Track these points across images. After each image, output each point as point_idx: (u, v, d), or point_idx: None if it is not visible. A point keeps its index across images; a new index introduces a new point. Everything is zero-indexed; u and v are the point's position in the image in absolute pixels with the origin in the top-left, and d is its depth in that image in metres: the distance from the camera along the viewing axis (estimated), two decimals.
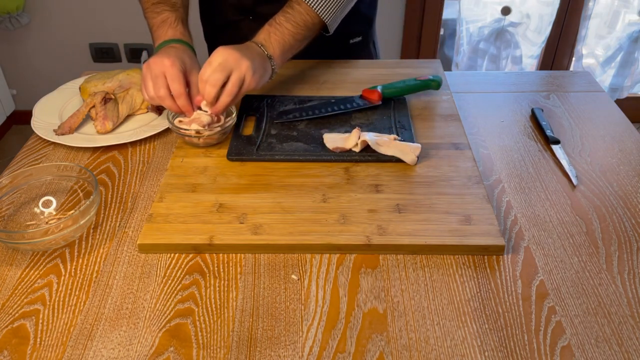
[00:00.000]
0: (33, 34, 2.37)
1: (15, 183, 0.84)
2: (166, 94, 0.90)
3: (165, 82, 0.89)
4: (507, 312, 0.67)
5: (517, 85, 1.16)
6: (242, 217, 0.79)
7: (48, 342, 0.65)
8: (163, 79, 0.89)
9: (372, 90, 1.02)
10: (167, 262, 0.74)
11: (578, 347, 0.63)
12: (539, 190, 0.87)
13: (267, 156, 0.90)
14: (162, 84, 0.89)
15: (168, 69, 0.89)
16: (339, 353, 0.63)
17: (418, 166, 0.88)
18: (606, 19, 2.27)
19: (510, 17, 2.24)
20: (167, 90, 0.90)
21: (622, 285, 0.71)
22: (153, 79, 0.90)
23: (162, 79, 0.89)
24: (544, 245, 0.77)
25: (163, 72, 0.89)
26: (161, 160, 0.93)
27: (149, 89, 0.90)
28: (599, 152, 0.95)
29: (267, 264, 0.74)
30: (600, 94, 1.12)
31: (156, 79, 0.89)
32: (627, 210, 0.83)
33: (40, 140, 0.99)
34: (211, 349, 0.64)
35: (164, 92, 0.89)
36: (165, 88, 0.89)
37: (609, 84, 2.42)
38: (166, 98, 0.90)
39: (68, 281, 0.72)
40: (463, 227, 0.76)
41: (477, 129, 1.01)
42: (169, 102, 0.90)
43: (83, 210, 0.75)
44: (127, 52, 2.41)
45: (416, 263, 0.74)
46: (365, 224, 0.77)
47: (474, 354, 0.63)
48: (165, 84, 0.89)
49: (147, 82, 0.91)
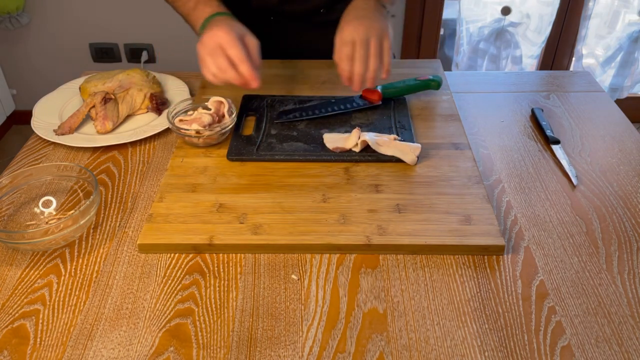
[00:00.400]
0: (33, 34, 2.37)
1: (15, 183, 0.84)
2: (227, 65, 0.85)
3: (223, 52, 0.85)
4: (507, 312, 0.67)
5: (517, 85, 1.16)
6: (242, 217, 0.79)
7: (48, 342, 0.65)
8: (220, 50, 0.85)
9: (372, 90, 1.02)
10: (167, 262, 0.74)
11: (578, 347, 0.63)
12: (539, 190, 0.87)
13: (267, 156, 0.90)
14: (221, 54, 0.84)
15: (222, 37, 0.84)
16: (339, 353, 0.63)
17: (418, 166, 0.88)
18: (606, 19, 2.27)
19: (510, 17, 2.24)
20: (227, 60, 0.85)
21: (622, 285, 0.71)
22: (210, 53, 0.85)
23: (219, 49, 0.85)
24: (544, 245, 0.77)
25: (218, 43, 0.85)
26: (161, 160, 0.93)
27: (209, 65, 0.85)
28: (599, 152, 0.95)
29: (267, 264, 0.74)
30: (600, 94, 1.12)
31: (213, 51, 0.85)
32: (627, 210, 0.83)
33: (40, 140, 0.99)
34: (211, 349, 0.64)
35: (225, 63, 0.84)
36: (225, 58, 0.85)
37: (609, 84, 2.42)
38: (228, 69, 0.85)
39: (68, 281, 0.72)
40: (463, 227, 0.76)
41: (477, 129, 1.01)
42: (232, 74, 0.85)
43: (83, 210, 0.75)
44: (127, 52, 2.41)
45: (416, 263, 0.74)
46: (365, 224, 0.77)
47: (474, 354, 0.63)
48: (224, 54, 0.85)
49: (205, 59, 0.85)
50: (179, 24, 2.53)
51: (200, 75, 1.17)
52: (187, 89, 1.10)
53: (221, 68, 0.85)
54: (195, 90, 1.12)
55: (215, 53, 0.85)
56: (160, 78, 1.13)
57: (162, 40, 2.38)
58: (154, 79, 1.08)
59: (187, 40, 2.36)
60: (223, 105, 0.96)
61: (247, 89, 0.88)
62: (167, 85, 1.12)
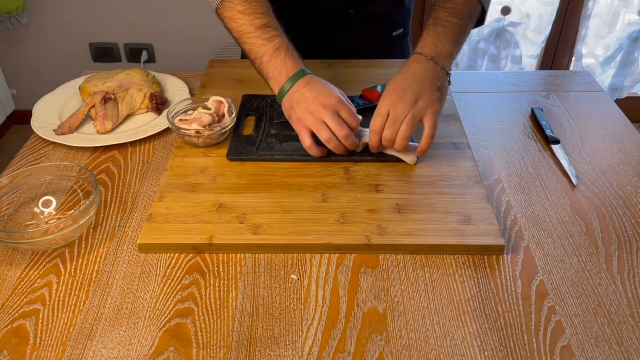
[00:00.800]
0: (33, 34, 2.37)
1: (15, 183, 0.84)
2: (332, 137, 0.84)
3: (340, 121, 0.83)
4: (507, 312, 0.67)
5: (517, 85, 1.16)
6: (242, 217, 0.79)
7: (48, 342, 0.65)
8: (338, 119, 0.83)
9: (372, 90, 1.02)
10: (167, 262, 0.74)
11: (578, 347, 0.63)
12: (539, 190, 0.87)
13: (267, 156, 0.90)
14: (325, 127, 0.83)
15: (340, 104, 0.84)
16: (339, 353, 0.63)
17: (418, 166, 0.88)
18: (606, 19, 2.27)
19: (510, 17, 2.24)
20: (330, 133, 0.84)
21: (622, 285, 0.71)
22: (314, 125, 0.83)
23: (337, 118, 0.83)
24: (544, 245, 0.77)
25: (335, 110, 0.84)
26: (161, 160, 0.93)
27: (324, 133, 0.83)
28: (599, 152, 0.95)
29: (267, 264, 0.74)
30: (600, 94, 1.12)
31: (317, 124, 0.83)
32: (627, 210, 0.83)
33: (40, 140, 0.99)
34: (211, 349, 0.64)
35: (329, 136, 0.84)
36: (329, 131, 0.84)
37: (609, 84, 2.42)
38: (332, 140, 0.84)
39: (68, 281, 0.72)
40: (463, 227, 0.76)
41: (477, 129, 1.01)
42: (334, 144, 0.85)
43: (83, 210, 0.75)
44: (127, 52, 2.41)
45: (416, 263, 0.74)
46: (365, 224, 0.77)
47: (474, 354, 0.63)
48: (327, 126, 0.84)
49: (318, 127, 0.83)
50: (179, 24, 2.52)
51: (200, 75, 1.18)
52: (187, 89, 1.10)
53: (326, 140, 0.85)
54: (195, 90, 1.12)
55: (319, 127, 0.84)
56: (160, 78, 1.13)
57: (162, 40, 2.38)
58: (154, 79, 1.08)
59: (187, 40, 2.36)
60: (223, 105, 0.96)
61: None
62: (167, 85, 1.12)
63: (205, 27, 2.30)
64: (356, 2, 1.13)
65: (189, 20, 2.32)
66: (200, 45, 2.36)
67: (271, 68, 0.90)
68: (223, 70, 1.17)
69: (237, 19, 0.92)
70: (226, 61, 1.22)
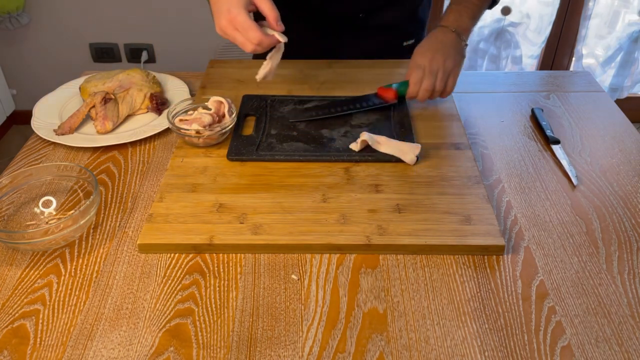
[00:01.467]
0: (33, 34, 2.37)
1: (15, 183, 0.84)
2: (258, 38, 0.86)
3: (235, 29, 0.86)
4: (507, 312, 0.67)
5: (517, 85, 1.16)
6: (242, 217, 0.79)
7: (48, 342, 0.65)
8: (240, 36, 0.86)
9: (387, 89, 1.02)
10: (167, 262, 0.74)
11: (578, 347, 0.63)
12: (539, 190, 0.87)
13: (267, 156, 0.90)
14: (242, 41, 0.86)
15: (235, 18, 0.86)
16: (339, 353, 0.63)
17: (418, 166, 0.88)
18: (606, 19, 2.27)
19: (510, 17, 2.24)
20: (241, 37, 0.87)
21: (622, 285, 0.71)
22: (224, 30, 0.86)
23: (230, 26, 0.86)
24: (544, 245, 0.77)
25: (234, 27, 0.86)
26: (161, 160, 0.93)
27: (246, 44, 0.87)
28: (599, 152, 0.95)
29: (267, 264, 0.74)
30: (600, 94, 1.12)
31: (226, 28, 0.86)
32: (627, 210, 0.83)
33: (40, 140, 0.99)
34: (211, 349, 0.64)
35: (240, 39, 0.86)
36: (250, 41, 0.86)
37: (609, 84, 2.42)
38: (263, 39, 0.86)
39: (68, 281, 0.72)
40: (463, 227, 0.76)
41: (477, 129, 1.01)
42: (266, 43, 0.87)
43: (83, 210, 0.75)
44: (127, 52, 2.41)
45: (416, 263, 0.74)
46: (365, 224, 0.77)
47: (474, 354, 0.63)
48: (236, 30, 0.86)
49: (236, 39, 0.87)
50: (179, 24, 2.52)
51: (200, 75, 1.18)
52: (187, 89, 1.10)
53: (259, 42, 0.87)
54: (195, 90, 1.12)
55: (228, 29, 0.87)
56: (160, 78, 1.13)
57: (162, 40, 2.38)
58: (154, 79, 1.08)
59: (187, 40, 2.36)
60: (223, 105, 0.96)
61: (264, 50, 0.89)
62: (167, 85, 1.12)
63: (205, 27, 2.30)
64: (367, 6, 1.14)
65: (189, 20, 2.32)
66: (200, 45, 2.36)
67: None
68: (223, 70, 1.17)
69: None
70: (226, 61, 1.22)
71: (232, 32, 0.87)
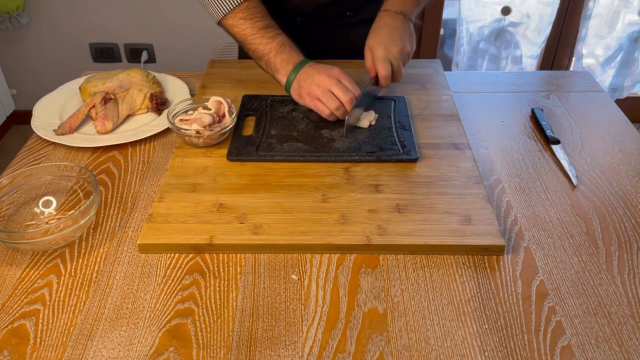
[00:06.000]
0: (33, 34, 2.37)
1: (15, 183, 0.84)
2: (339, 104, 0.94)
3: (333, 94, 0.94)
4: (507, 312, 0.67)
5: (517, 85, 1.16)
6: (242, 217, 0.79)
7: (48, 342, 0.65)
8: (330, 93, 0.94)
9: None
10: (167, 262, 0.74)
11: (578, 347, 0.63)
12: (539, 190, 0.87)
13: (267, 156, 0.90)
14: (332, 96, 0.94)
15: (341, 74, 0.95)
16: (339, 353, 0.63)
17: (418, 166, 0.88)
18: (606, 19, 2.27)
19: (510, 17, 2.24)
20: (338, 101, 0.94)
21: (622, 285, 0.71)
22: (323, 96, 0.94)
23: (329, 93, 0.94)
24: (544, 245, 0.77)
25: (337, 79, 0.94)
26: (161, 160, 0.93)
27: (322, 108, 0.95)
28: (599, 152, 0.95)
29: (267, 264, 0.74)
30: (600, 94, 1.12)
31: (325, 94, 0.94)
32: (627, 210, 0.83)
33: (40, 140, 0.99)
34: (211, 349, 0.64)
35: (337, 104, 0.94)
36: (336, 99, 0.94)
37: (609, 84, 2.42)
38: (340, 108, 0.94)
39: (68, 281, 0.72)
40: (463, 227, 0.76)
41: (477, 129, 1.01)
42: (342, 111, 0.95)
43: (83, 210, 0.75)
44: (127, 52, 2.41)
45: (416, 263, 0.74)
46: (365, 224, 0.77)
47: (474, 354, 0.63)
48: (334, 95, 0.94)
49: (326, 97, 0.94)
50: (179, 24, 2.52)
51: (200, 75, 1.18)
52: (187, 89, 1.10)
53: (335, 108, 0.94)
54: (195, 90, 1.12)
55: (327, 96, 0.94)
56: (160, 78, 1.13)
57: (162, 40, 2.38)
58: (154, 79, 1.08)
59: (187, 41, 2.36)
60: (223, 105, 0.96)
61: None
62: (167, 85, 1.12)
63: (205, 27, 2.29)
64: (354, 4, 1.16)
65: (189, 20, 2.32)
66: (200, 45, 2.36)
67: (279, 61, 0.99)
68: (223, 70, 1.17)
69: (239, 24, 1.01)
70: (226, 61, 1.22)
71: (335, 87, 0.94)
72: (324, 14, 1.14)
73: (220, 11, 1.00)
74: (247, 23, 1.00)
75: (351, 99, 0.94)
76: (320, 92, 0.94)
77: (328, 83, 0.94)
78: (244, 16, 1.00)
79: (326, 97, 0.94)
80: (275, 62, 0.99)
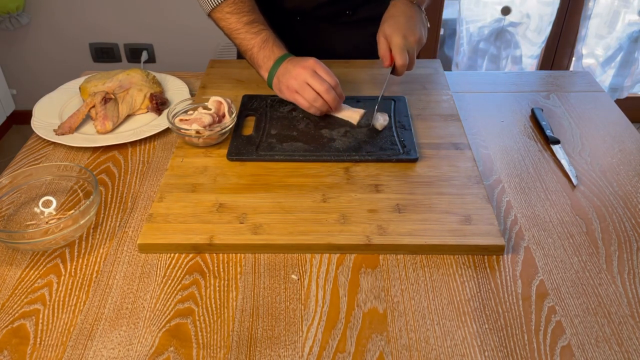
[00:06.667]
0: (33, 34, 2.37)
1: (15, 183, 0.84)
2: (316, 96, 0.94)
3: (310, 86, 0.93)
4: (507, 312, 0.67)
5: (517, 85, 1.16)
6: (242, 217, 0.79)
7: (48, 342, 0.65)
8: (307, 85, 0.93)
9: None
10: (167, 262, 0.74)
11: (578, 347, 0.63)
12: (539, 190, 0.87)
13: (267, 156, 0.90)
14: (308, 88, 0.93)
15: (316, 64, 0.94)
16: (339, 353, 0.63)
17: (418, 166, 0.88)
18: (606, 19, 2.27)
19: (510, 17, 2.24)
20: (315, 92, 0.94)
21: (622, 285, 0.71)
22: (299, 89, 0.93)
23: (305, 85, 0.93)
24: (544, 245, 0.77)
25: (313, 69, 0.93)
26: (161, 160, 0.93)
27: (300, 100, 0.94)
28: (599, 152, 0.95)
29: (267, 264, 0.74)
30: (600, 94, 1.12)
31: (302, 87, 0.93)
32: (627, 210, 0.83)
33: (40, 140, 0.99)
34: (211, 349, 0.64)
35: (313, 95, 0.93)
36: (312, 91, 0.93)
37: (609, 84, 2.42)
38: (317, 99, 0.94)
39: (68, 281, 0.72)
40: (463, 227, 0.76)
41: (477, 129, 1.01)
42: (320, 102, 0.94)
43: (83, 210, 0.75)
44: (127, 52, 2.41)
45: (416, 263, 0.74)
46: (365, 224, 0.77)
47: (474, 354, 0.63)
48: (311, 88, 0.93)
49: (303, 89, 0.93)
50: (179, 24, 2.52)
51: (200, 75, 1.18)
52: (187, 89, 1.10)
53: (326, 89, 0.94)
54: (195, 90, 1.12)
55: (303, 88, 0.94)
56: (160, 78, 1.13)
57: (162, 40, 2.38)
58: (154, 79, 1.08)
59: (187, 40, 2.36)
60: (223, 105, 0.96)
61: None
62: (167, 85, 1.12)
63: (205, 27, 2.29)
64: (353, 3, 1.16)
65: (189, 20, 2.32)
66: (200, 45, 2.36)
67: (261, 57, 1.00)
68: (223, 70, 1.17)
69: (226, 18, 1.02)
70: (226, 61, 1.22)
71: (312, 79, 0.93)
72: (322, 13, 1.15)
73: (209, 4, 1.01)
74: (233, 17, 1.01)
75: (327, 88, 0.93)
76: (297, 85, 0.94)
77: (304, 75, 0.93)
78: (230, 10, 1.01)
79: (302, 89, 0.94)
80: (257, 57, 1.00)
